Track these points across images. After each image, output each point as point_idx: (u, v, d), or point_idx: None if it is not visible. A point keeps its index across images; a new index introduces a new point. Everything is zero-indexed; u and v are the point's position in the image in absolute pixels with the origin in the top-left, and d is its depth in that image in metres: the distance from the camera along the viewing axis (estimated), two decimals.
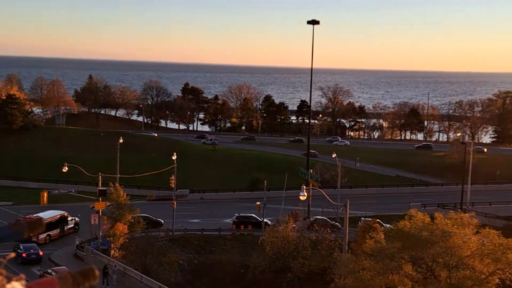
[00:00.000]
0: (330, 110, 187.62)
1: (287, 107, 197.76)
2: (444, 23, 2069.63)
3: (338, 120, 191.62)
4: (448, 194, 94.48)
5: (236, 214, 74.84)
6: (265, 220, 70.23)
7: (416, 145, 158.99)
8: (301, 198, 43.56)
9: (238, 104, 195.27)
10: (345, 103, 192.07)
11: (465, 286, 37.60)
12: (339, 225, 67.81)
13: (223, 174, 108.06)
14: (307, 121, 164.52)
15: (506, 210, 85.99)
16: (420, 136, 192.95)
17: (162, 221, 73.75)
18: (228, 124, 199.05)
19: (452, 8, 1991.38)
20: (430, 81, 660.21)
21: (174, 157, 79.23)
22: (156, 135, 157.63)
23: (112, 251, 58.61)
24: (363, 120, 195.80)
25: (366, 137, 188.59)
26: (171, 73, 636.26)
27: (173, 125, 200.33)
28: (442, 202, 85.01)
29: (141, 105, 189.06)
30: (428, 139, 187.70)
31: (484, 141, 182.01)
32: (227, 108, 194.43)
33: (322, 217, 71.92)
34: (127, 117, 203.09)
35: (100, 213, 59.56)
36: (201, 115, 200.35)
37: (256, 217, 73.81)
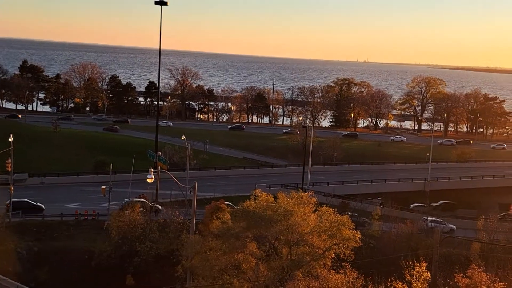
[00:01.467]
0: (179, 92, 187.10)
1: (134, 88, 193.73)
2: (290, 12, 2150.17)
3: (187, 102, 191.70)
4: (291, 175, 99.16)
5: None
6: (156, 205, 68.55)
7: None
8: (149, 181, 42.96)
9: (82, 84, 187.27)
10: (195, 86, 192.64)
11: (304, 261, 39.49)
12: (159, 207, 67.65)
13: (68, 157, 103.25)
14: (156, 102, 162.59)
15: (342, 189, 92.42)
16: (266, 120, 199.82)
17: (43, 206, 69.59)
18: (71, 105, 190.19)
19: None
20: (276, 67, 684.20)
21: (11, 139, 73.85)
22: None
23: None
24: (212, 103, 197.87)
25: (215, 120, 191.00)
26: (7, 49, 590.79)
27: (10, 105, 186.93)
28: (285, 183, 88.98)
29: None
30: (273, 122, 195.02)
31: (323, 125, 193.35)
32: (70, 87, 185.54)
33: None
34: None
35: None
36: (42, 95, 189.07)
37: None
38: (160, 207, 67.91)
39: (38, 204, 70.30)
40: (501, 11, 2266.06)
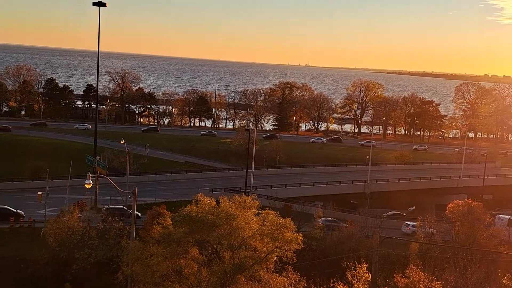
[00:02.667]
0: (119, 95, 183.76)
1: (72, 91, 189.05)
2: (232, 14, 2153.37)
3: (127, 105, 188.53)
4: (234, 179, 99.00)
5: None
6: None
7: (202, 132, 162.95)
8: (87, 186, 41.71)
9: (17, 87, 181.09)
10: (135, 89, 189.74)
11: (247, 265, 39.28)
12: (139, 214, 66.57)
13: (2, 163, 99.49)
14: (94, 106, 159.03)
15: (285, 192, 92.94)
16: (208, 123, 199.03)
17: (23, 213, 68.03)
18: (6, 108, 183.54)
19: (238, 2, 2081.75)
20: (219, 70, 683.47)
21: None
22: None
23: None
24: (152, 106, 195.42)
25: (156, 124, 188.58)
26: None
27: None
28: (228, 186, 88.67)
29: None
30: (216, 126, 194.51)
31: (266, 128, 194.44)
32: (3, 90, 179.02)
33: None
34: None
35: None
36: None
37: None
38: (139, 214, 66.23)
39: (18, 211, 69.11)
40: (437, 18, 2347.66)
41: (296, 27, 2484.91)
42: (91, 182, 41.48)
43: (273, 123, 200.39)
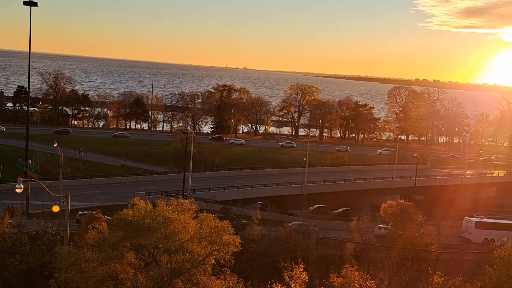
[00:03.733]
0: (52, 97, 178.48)
1: (2, 92, 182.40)
2: (167, 15, 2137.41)
3: (60, 108, 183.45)
4: (172, 182, 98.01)
5: None
6: None
7: (113, 134, 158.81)
8: (17, 191, 40.37)
9: None
10: (68, 91, 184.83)
11: (184, 269, 39.06)
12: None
13: None
14: (26, 108, 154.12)
15: (224, 195, 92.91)
16: (145, 126, 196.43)
17: None
18: None
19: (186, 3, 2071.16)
20: (155, 72, 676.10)
21: None
22: None
23: None
24: (87, 108, 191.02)
25: (90, 126, 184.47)
26: None
27: None
28: (166, 190, 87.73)
29: None
30: (153, 128, 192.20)
31: (204, 131, 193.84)
32: None
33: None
34: None
35: None
36: None
37: None
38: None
39: None
40: (370, 24, 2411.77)
41: (233, 30, 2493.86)
42: (22, 186, 40.16)
43: (211, 126, 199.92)
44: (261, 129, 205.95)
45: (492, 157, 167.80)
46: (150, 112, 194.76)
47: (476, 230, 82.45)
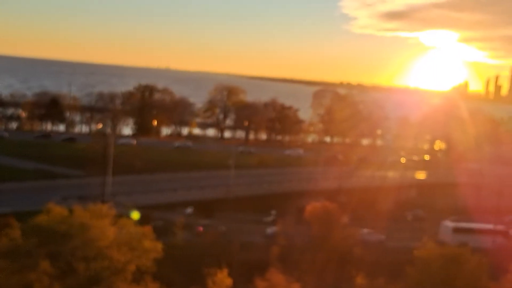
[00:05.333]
0: None
1: None
2: (81, 10, 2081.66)
3: None
4: (90, 186, 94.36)
5: None
6: None
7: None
8: None
9: None
10: None
11: (103, 277, 37.98)
12: None
13: None
14: None
15: (145, 199, 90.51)
16: (62, 127, 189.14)
17: None
18: None
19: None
20: (71, 71, 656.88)
21: None
22: None
23: None
24: None
25: (3, 128, 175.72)
26: None
27: None
28: (84, 195, 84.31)
29: None
30: (70, 130, 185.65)
31: (126, 133, 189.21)
32: None
33: None
34: None
35: None
36: None
37: None
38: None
39: None
40: (295, 25, 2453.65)
41: (155, 26, 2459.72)
42: None
43: (133, 127, 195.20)
44: (185, 131, 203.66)
45: (414, 159, 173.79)
46: (67, 113, 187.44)
47: (453, 234, 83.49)
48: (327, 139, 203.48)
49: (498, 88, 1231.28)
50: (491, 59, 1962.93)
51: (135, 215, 59.00)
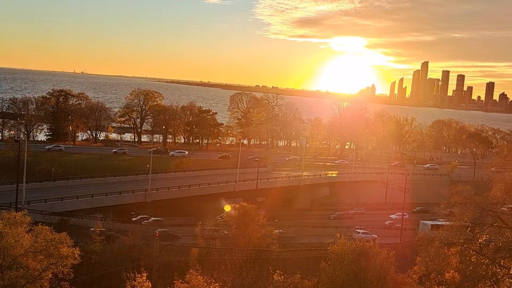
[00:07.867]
0: None
1: None
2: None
3: None
4: (3, 194, 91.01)
5: None
6: None
7: None
8: None
9: None
10: None
11: (18, 285, 37.11)
12: None
13: None
14: None
15: (62, 206, 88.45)
16: None
17: None
18: None
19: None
20: None
21: None
22: None
23: None
24: None
25: None
26: None
27: None
28: None
29: None
30: None
31: (40, 139, 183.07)
32: None
33: None
34: None
35: None
36: None
37: None
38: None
39: None
40: (212, 30, 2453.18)
41: (68, 30, 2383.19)
42: None
43: (47, 133, 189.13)
44: (102, 136, 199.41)
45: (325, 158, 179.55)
46: None
47: (431, 231, 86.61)
48: (245, 141, 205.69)
49: (402, 91, 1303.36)
50: (396, 63, 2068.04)
51: None
